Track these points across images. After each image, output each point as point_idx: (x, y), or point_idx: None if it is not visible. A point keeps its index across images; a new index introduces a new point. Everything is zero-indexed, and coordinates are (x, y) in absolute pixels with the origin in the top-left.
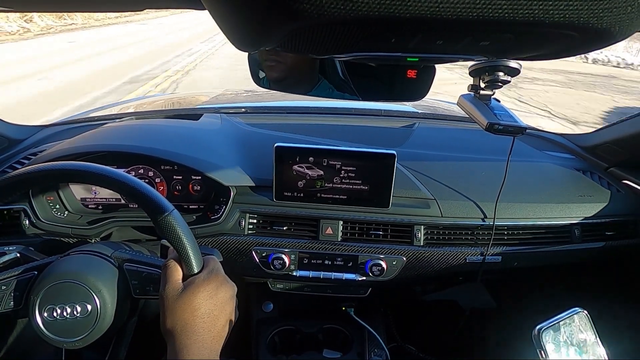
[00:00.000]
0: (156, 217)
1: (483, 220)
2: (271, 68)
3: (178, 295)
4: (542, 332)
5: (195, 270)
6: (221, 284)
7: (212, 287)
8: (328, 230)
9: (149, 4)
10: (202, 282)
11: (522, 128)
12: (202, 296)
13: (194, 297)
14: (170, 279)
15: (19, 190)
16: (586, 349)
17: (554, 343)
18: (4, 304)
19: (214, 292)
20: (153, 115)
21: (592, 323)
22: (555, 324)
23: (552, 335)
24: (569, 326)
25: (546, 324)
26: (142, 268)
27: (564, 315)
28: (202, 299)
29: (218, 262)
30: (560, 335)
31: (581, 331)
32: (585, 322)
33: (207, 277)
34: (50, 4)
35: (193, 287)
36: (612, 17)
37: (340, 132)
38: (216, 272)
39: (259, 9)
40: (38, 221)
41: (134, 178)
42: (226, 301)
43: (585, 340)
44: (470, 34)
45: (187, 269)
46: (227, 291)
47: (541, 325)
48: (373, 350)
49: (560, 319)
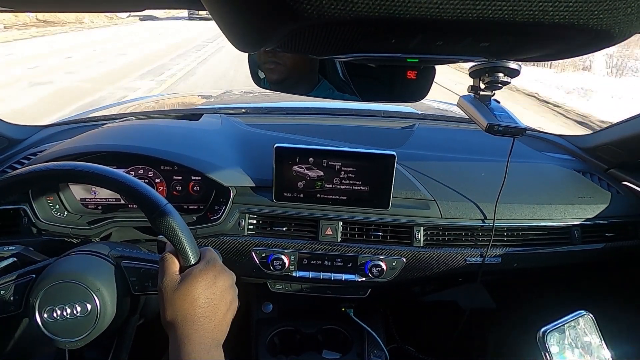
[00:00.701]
0: (150, 213)
1: (483, 221)
2: (270, 70)
3: (176, 287)
4: (547, 335)
5: (192, 261)
6: (219, 273)
7: (210, 277)
8: (328, 231)
9: (149, 3)
10: (200, 272)
11: (521, 129)
12: (200, 286)
13: (192, 287)
14: (168, 272)
15: (19, 191)
16: (591, 351)
17: (558, 346)
18: (4, 309)
19: (212, 282)
20: (153, 116)
21: (597, 326)
22: (560, 326)
23: (557, 338)
24: (574, 329)
25: (551, 326)
26: (139, 264)
27: (569, 318)
28: (200, 288)
29: (215, 252)
30: (565, 338)
31: (586, 334)
32: (590, 325)
33: (204, 267)
34: (50, 4)
35: (191, 278)
36: (612, 18)
37: (340, 133)
38: (213, 261)
39: (259, 9)
40: (38, 221)
41: (127, 176)
42: (225, 289)
43: (590, 343)
44: (470, 35)
45: (184, 260)
46: (226, 280)
47: (546, 328)
48: (372, 351)
49: (566, 322)
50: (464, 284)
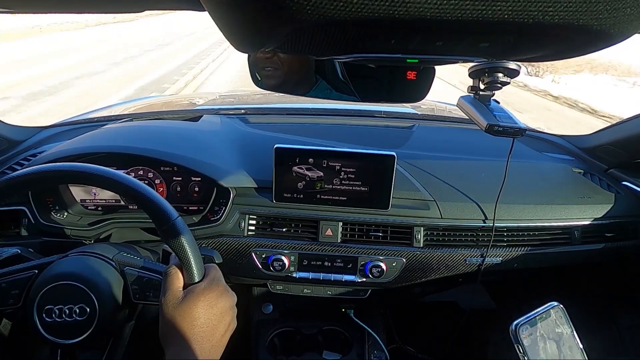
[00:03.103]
0: (161, 224)
1: (483, 221)
2: (268, 76)
3: (178, 304)
4: (519, 328)
5: (196, 278)
6: (221, 293)
7: (213, 297)
8: (328, 231)
9: (148, 4)
10: (203, 291)
11: (521, 129)
12: (202, 305)
13: (194, 306)
14: (171, 287)
15: (19, 192)
16: (563, 342)
17: (531, 338)
18: (3, 301)
19: (214, 302)
20: (153, 117)
21: (567, 317)
22: (532, 319)
23: (529, 330)
24: (545, 320)
25: (523, 319)
26: (143, 273)
27: (540, 311)
28: (202, 308)
29: (219, 271)
30: (537, 330)
31: (557, 325)
32: (560, 315)
33: (207, 286)
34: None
35: (193, 296)
36: (612, 19)
37: (340, 134)
38: (217, 281)
39: (258, 10)
40: (37, 222)
41: (138, 182)
42: (225, 311)
43: (562, 334)
44: (470, 35)
45: (188, 277)
46: (227, 301)
47: (518, 321)
48: (373, 352)
49: (537, 314)
50: (464, 284)
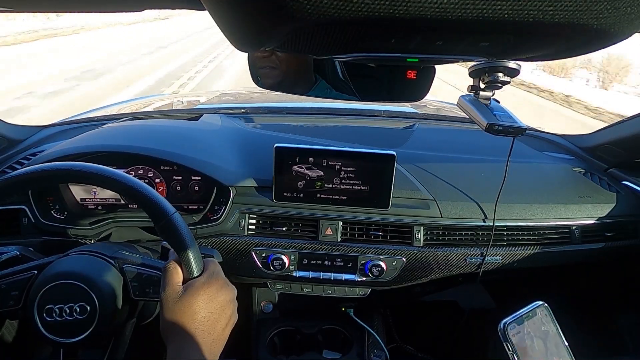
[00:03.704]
0: (158, 220)
1: (483, 221)
2: (266, 75)
3: (178, 299)
4: (507, 326)
5: (195, 273)
6: (221, 287)
7: (212, 291)
8: (328, 230)
9: (149, 4)
10: (202, 285)
11: (521, 129)
12: (201, 299)
13: (193, 300)
14: (170, 282)
15: (19, 191)
16: (549, 340)
17: (519, 336)
18: (3, 303)
19: (214, 296)
20: (153, 116)
21: (552, 315)
22: (519, 318)
23: (516, 329)
24: (531, 319)
25: (510, 318)
26: (142, 270)
27: (526, 310)
28: (201, 302)
29: (218, 265)
30: (524, 328)
31: (543, 323)
32: (546, 314)
33: (207, 280)
34: (50, 4)
35: (193, 290)
36: (612, 18)
37: (340, 133)
38: (216, 275)
39: (259, 9)
40: (37, 221)
41: (135, 179)
42: (226, 304)
43: (548, 332)
44: (471, 34)
45: (188, 272)
46: (227, 294)
47: (506, 320)
48: (373, 351)
49: (523, 313)
50: (464, 283)
